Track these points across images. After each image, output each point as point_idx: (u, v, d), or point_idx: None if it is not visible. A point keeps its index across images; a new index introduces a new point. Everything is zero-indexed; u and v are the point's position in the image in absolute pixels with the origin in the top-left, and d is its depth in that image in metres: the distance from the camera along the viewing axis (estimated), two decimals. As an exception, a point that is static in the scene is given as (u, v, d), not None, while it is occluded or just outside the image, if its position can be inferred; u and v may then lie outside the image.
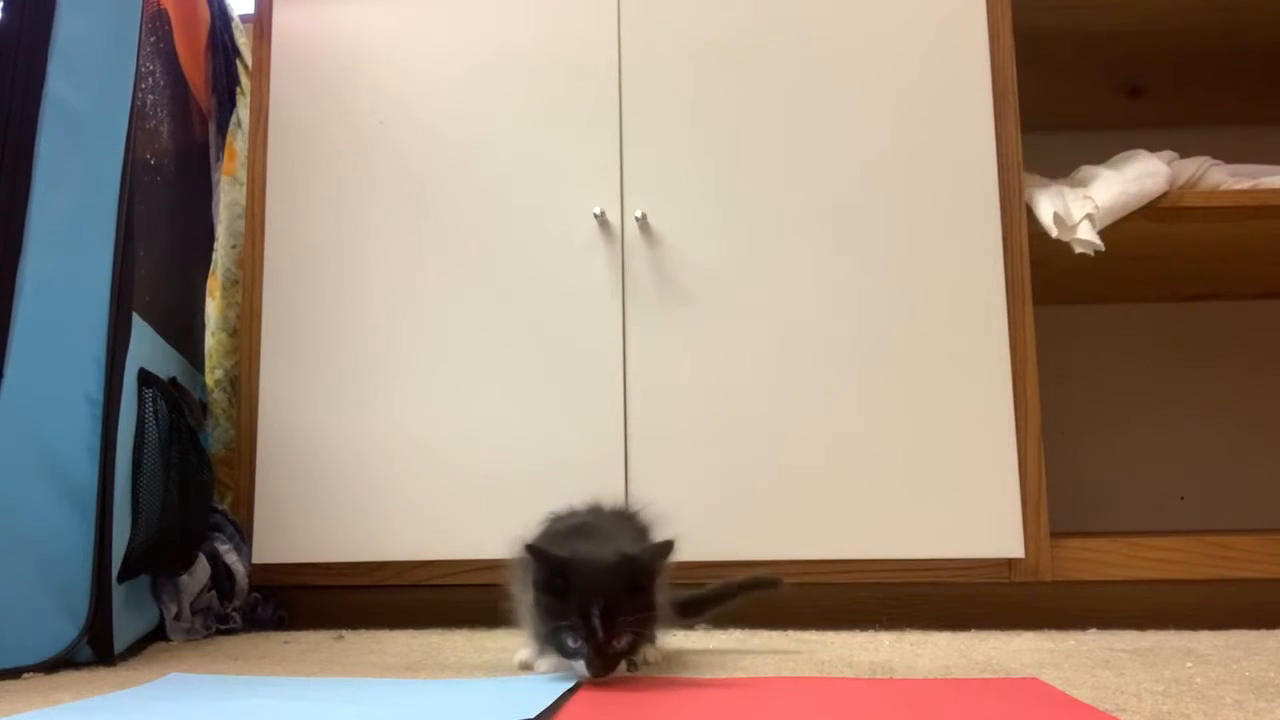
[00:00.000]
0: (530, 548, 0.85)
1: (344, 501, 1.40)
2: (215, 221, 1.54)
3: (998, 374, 1.36)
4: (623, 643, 0.83)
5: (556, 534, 0.93)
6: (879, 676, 0.91)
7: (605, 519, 0.99)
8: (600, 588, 0.82)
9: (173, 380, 1.26)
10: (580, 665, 0.83)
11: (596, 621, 0.81)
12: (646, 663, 0.92)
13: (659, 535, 1.00)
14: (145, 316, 1.17)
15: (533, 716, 0.71)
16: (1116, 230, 1.43)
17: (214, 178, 1.52)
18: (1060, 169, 1.55)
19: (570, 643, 0.82)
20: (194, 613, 1.29)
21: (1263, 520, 1.85)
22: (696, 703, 0.77)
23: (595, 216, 1.42)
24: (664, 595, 0.89)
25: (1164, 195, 1.43)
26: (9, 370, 1.03)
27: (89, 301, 1.08)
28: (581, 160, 1.45)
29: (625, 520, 1.00)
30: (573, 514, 0.99)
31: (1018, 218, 1.39)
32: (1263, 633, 1.22)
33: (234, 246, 1.65)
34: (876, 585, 1.36)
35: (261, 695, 0.84)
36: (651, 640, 0.92)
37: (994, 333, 1.37)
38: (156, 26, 1.25)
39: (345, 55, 1.51)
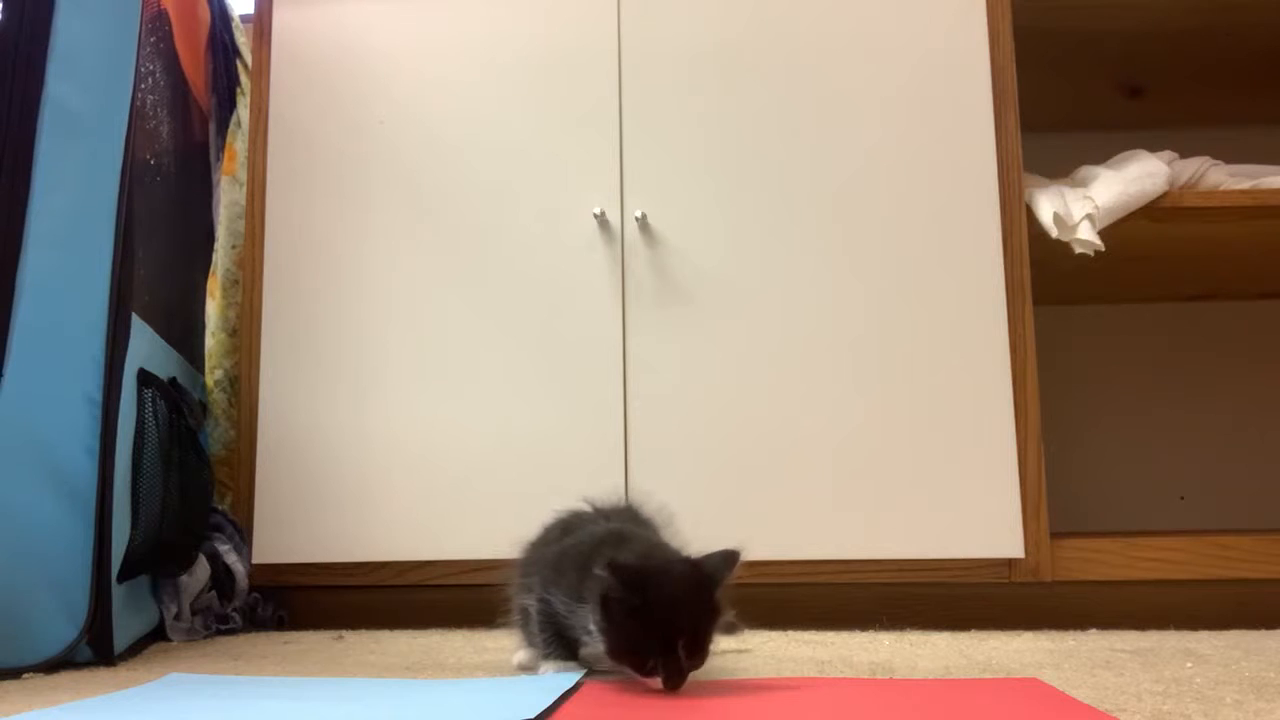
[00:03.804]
0: (613, 564, 0.80)
1: (344, 502, 1.40)
2: (215, 221, 1.54)
3: (998, 374, 1.36)
4: (694, 658, 0.80)
5: (599, 541, 0.88)
6: (879, 676, 0.91)
7: (624, 521, 0.95)
8: (681, 603, 0.80)
9: (172, 380, 1.26)
10: (657, 681, 0.79)
11: (677, 635, 0.79)
12: None
13: (666, 530, 0.99)
14: (145, 316, 1.17)
15: (532, 717, 0.71)
16: (1116, 230, 1.43)
17: (214, 178, 1.52)
18: (1060, 169, 1.55)
19: (649, 657, 0.79)
20: (194, 613, 1.29)
21: (1263, 520, 1.85)
22: (696, 703, 0.77)
23: (595, 216, 1.42)
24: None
25: (1164, 195, 1.43)
26: (8, 370, 1.03)
27: (88, 301, 1.08)
28: (581, 160, 1.45)
29: (640, 521, 0.98)
30: (585, 518, 0.96)
31: (1018, 218, 1.39)
32: (1263, 633, 1.22)
33: (234, 246, 1.65)
34: (876, 585, 1.36)
35: (261, 695, 0.84)
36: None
37: (994, 333, 1.37)
38: (156, 27, 1.25)
39: (345, 55, 1.51)
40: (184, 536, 1.26)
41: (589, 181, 1.44)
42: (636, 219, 1.41)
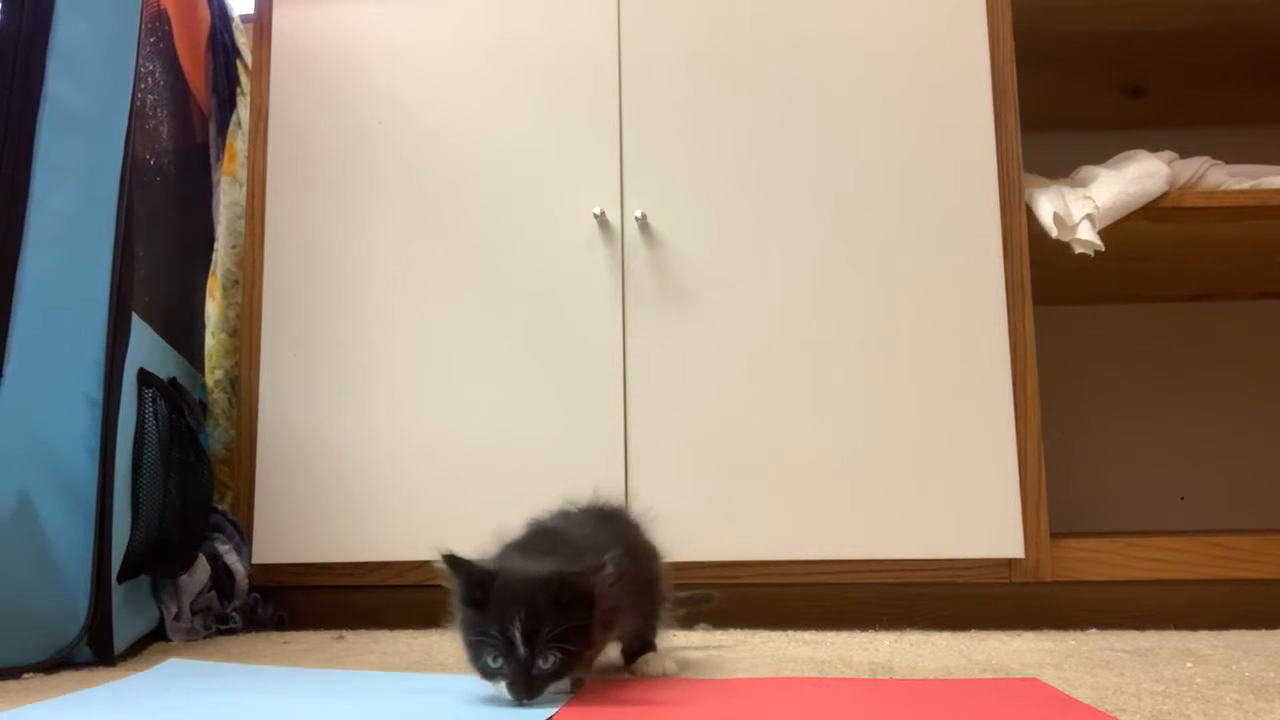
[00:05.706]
0: (448, 558, 0.77)
1: (344, 501, 1.40)
2: (215, 221, 1.54)
3: (998, 374, 1.36)
4: (549, 664, 0.74)
5: (510, 545, 0.85)
6: (879, 676, 0.91)
7: (579, 524, 0.91)
8: (522, 603, 0.74)
9: (173, 380, 1.26)
10: (501, 687, 0.75)
11: (518, 638, 0.73)
12: (665, 674, 0.90)
13: (650, 535, 0.98)
14: (145, 316, 1.17)
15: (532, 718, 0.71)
16: (1116, 230, 1.43)
17: (214, 178, 1.52)
18: (1060, 169, 1.55)
19: (491, 662, 0.75)
20: (194, 613, 1.29)
21: (1263, 520, 1.85)
22: (696, 703, 0.77)
23: (595, 216, 1.42)
24: (611, 614, 0.80)
25: (1164, 195, 1.43)
26: (8, 370, 1.03)
27: (88, 302, 1.08)
28: (581, 160, 1.45)
29: (606, 523, 0.93)
30: (543, 520, 0.92)
31: (1018, 218, 1.39)
32: (1263, 633, 1.22)
33: (234, 246, 1.65)
34: (876, 585, 1.36)
35: (258, 688, 0.84)
36: (588, 664, 0.81)
37: (994, 333, 1.37)
38: (156, 27, 1.25)
39: (345, 55, 1.51)
40: (184, 536, 1.26)
41: (589, 181, 1.44)
42: (636, 219, 1.41)
